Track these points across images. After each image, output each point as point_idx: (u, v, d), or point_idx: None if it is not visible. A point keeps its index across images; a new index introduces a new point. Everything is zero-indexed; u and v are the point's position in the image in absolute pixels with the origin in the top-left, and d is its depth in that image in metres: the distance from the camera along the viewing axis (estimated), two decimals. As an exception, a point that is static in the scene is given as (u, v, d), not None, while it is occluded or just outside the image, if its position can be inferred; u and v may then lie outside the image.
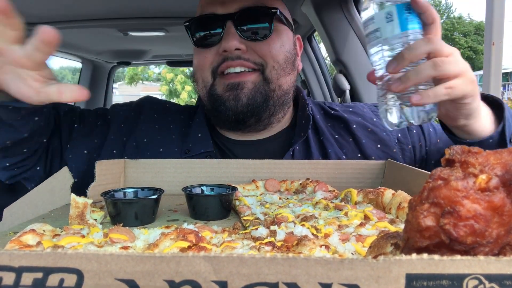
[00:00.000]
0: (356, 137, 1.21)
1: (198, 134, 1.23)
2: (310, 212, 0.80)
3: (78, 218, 0.74)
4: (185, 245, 0.57)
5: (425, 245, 0.37)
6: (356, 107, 1.31)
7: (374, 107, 1.31)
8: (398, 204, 0.78)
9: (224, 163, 1.06)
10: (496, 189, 0.36)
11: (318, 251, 0.56)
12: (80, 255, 0.35)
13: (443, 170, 0.38)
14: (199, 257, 0.34)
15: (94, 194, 0.93)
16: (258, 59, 1.14)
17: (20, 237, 0.59)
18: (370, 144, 1.20)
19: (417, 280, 0.32)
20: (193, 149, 1.19)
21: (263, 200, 0.93)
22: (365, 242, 0.61)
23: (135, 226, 0.75)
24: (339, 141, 1.21)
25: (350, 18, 1.93)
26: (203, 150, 1.18)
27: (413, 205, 0.38)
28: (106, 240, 0.62)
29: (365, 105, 1.34)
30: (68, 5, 1.93)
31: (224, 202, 0.84)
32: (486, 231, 0.35)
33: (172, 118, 1.28)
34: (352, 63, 1.97)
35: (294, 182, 1.03)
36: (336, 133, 1.23)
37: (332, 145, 1.19)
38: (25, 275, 0.35)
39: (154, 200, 0.81)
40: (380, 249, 0.44)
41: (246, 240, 0.63)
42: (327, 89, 3.00)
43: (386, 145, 1.19)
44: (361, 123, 1.23)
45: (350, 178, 1.06)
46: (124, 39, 2.69)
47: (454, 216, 0.35)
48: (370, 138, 1.21)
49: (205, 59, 1.17)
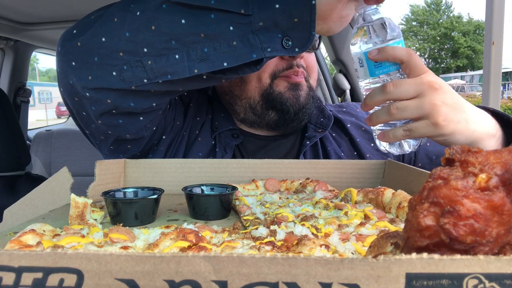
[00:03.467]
0: (351, 136, 1.25)
1: (221, 114, 1.25)
2: (310, 212, 0.80)
3: (78, 218, 0.74)
4: (185, 245, 0.57)
5: (425, 244, 0.37)
6: (349, 107, 1.36)
7: None
8: (398, 203, 0.78)
9: (224, 163, 1.06)
10: (496, 188, 0.36)
11: (318, 250, 0.56)
12: (80, 255, 0.35)
13: (443, 169, 0.38)
14: (199, 257, 0.34)
15: (94, 194, 0.93)
16: (306, 69, 1.19)
17: (20, 237, 0.59)
18: (364, 142, 1.24)
19: (417, 280, 0.32)
20: (220, 125, 1.22)
21: (263, 199, 0.93)
22: (365, 241, 0.61)
23: (135, 226, 0.75)
24: (337, 139, 1.26)
25: (350, 17, 1.93)
26: (230, 126, 1.21)
27: (413, 205, 0.38)
28: (106, 240, 0.62)
29: (358, 105, 1.38)
30: (68, 5, 1.93)
31: (224, 201, 0.84)
32: (486, 230, 0.35)
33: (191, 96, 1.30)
34: (352, 63, 1.97)
35: (294, 181, 1.03)
36: (333, 132, 1.27)
37: (331, 143, 1.24)
38: (25, 275, 0.35)
39: (154, 200, 0.81)
40: (380, 249, 0.44)
41: (246, 239, 0.63)
42: (327, 89, 3.00)
43: None
44: (355, 123, 1.28)
45: (350, 178, 1.06)
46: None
47: (454, 215, 0.35)
48: (364, 137, 1.25)
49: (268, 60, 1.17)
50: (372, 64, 0.89)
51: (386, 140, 0.91)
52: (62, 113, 26.12)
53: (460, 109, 0.88)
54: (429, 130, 0.86)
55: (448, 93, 0.88)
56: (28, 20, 2.15)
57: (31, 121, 4.54)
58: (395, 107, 0.86)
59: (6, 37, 2.38)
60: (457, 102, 0.89)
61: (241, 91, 1.21)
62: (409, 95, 0.86)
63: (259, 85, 1.18)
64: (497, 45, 1.36)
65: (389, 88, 0.86)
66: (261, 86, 1.17)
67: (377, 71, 0.89)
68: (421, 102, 0.85)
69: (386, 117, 0.88)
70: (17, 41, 2.51)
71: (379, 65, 0.88)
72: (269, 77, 1.16)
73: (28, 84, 3.02)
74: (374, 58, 0.88)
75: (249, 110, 1.22)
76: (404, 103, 0.86)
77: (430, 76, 0.87)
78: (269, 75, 1.16)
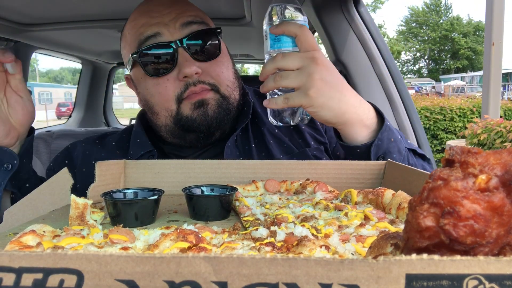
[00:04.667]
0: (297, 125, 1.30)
1: (136, 140, 1.28)
2: (310, 213, 0.80)
3: (78, 219, 0.74)
4: (185, 246, 0.57)
5: (425, 245, 0.37)
6: None
7: None
8: (398, 204, 0.78)
9: (224, 164, 1.06)
10: (496, 189, 0.36)
11: (318, 251, 0.56)
12: (80, 256, 0.35)
13: (443, 170, 0.38)
14: (199, 257, 0.34)
15: (94, 195, 0.93)
16: (211, 80, 1.19)
17: (20, 238, 0.59)
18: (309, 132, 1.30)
19: (417, 280, 0.32)
20: (134, 154, 1.24)
21: (263, 200, 0.93)
22: (365, 242, 0.61)
23: (135, 226, 0.75)
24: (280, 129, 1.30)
25: (350, 18, 1.93)
26: (142, 151, 1.23)
27: (413, 206, 0.38)
28: (106, 241, 0.62)
29: None
30: (68, 6, 1.93)
31: (224, 202, 0.84)
32: (485, 231, 0.35)
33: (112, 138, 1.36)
34: (352, 63, 1.97)
35: (294, 182, 1.03)
36: None
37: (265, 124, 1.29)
38: (25, 276, 0.35)
39: (154, 201, 0.81)
40: (380, 250, 0.44)
41: (246, 240, 0.63)
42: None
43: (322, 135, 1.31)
44: None
45: (350, 179, 1.06)
46: (124, 40, 2.69)
47: (454, 216, 0.35)
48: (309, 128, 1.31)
49: (166, 89, 1.18)
50: (273, 38, 1.01)
51: (270, 106, 1.01)
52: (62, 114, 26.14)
53: (336, 88, 0.98)
54: (302, 99, 0.96)
55: (330, 72, 0.98)
56: (28, 21, 2.15)
57: (31, 122, 4.53)
58: (280, 75, 0.97)
59: (6, 38, 2.38)
60: (336, 82, 0.99)
61: (158, 121, 1.25)
62: (294, 66, 0.96)
63: (168, 113, 1.20)
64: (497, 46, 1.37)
65: (278, 57, 0.97)
66: (170, 114, 1.20)
67: (275, 45, 1.01)
68: (301, 73, 0.96)
69: (272, 83, 0.98)
70: (18, 42, 2.51)
71: (278, 39, 1.00)
72: (174, 103, 1.18)
73: (28, 85, 3.01)
74: (273, 31, 1.00)
75: (170, 136, 1.26)
76: (286, 72, 0.96)
77: (318, 54, 0.97)
78: (174, 101, 1.18)
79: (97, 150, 1.33)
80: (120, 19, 2.18)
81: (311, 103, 0.96)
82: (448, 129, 9.84)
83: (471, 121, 8.40)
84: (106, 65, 3.82)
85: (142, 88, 1.24)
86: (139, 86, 1.27)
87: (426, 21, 43.67)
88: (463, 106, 10.03)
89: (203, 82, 1.17)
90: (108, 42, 2.86)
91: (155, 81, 1.19)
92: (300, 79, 0.95)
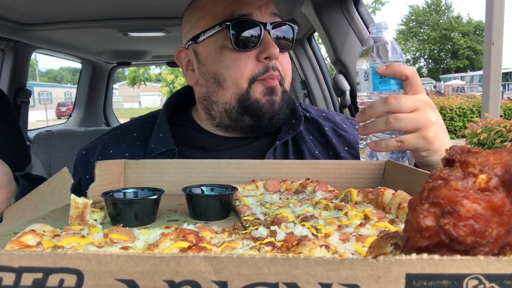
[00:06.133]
0: (328, 138, 1.31)
1: (159, 134, 1.27)
2: (310, 212, 0.80)
3: (78, 219, 0.74)
4: (185, 245, 0.57)
5: (425, 245, 0.37)
6: (329, 114, 1.42)
7: (346, 118, 1.43)
8: (398, 204, 0.78)
9: (224, 163, 1.06)
10: (496, 189, 0.36)
11: (318, 251, 0.56)
12: (80, 255, 0.35)
13: (443, 170, 0.38)
14: (199, 257, 0.34)
15: (94, 195, 0.93)
16: (281, 71, 1.20)
17: (20, 237, 0.59)
18: (339, 144, 1.30)
19: (417, 280, 0.32)
20: (155, 149, 1.23)
21: (263, 200, 0.93)
22: (365, 242, 0.61)
23: (135, 226, 0.75)
24: (313, 140, 1.31)
25: (350, 18, 1.93)
26: (164, 149, 1.23)
27: (413, 205, 0.38)
28: (106, 240, 0.62)
29: (337, 114, 1.46)
30: (68, 5, 1.93)
31: (224, 202, 0.84)
32: (486, 231, 0.35)
33: (135, 129, 1.34)
34: (352, 63, 1.97)
35: (294, 182, 1.03)
36: (310, 133, 1.32)
37: (306, 143, 1.28)
38: (25, 275, 0.35)
39: (154, 201, 0.81)
40: (380, 249, 0.44)
41: (246, 240, 0.63)
42: (327, 89, 3.00)
43: (353, 147, 1.31)
44: (332, 128, 1.35)
45: (350, 178, 1.06)
46: (124, 39, 2.69)
47: (454, 216, 0.35)
48: (339, 141, 1.31)
49: (246, 65, 1.17)
50: (377, 80, 0.99)
51: (378, 149, 0.99)
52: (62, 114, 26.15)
53: (446, 132, 0.98)
54: (419, 143, 0.94)
55: (440, 116, 0.97)
56: (28, 21, 2.15)
57: (31, 122, 4.54)
58: (394, 117, 0.93)
59: (6, 38, 2.38)
60: (444, 127, 0.99)
61: (218, 97, 1.22)
62: (408, 109, 0.93)
63: (236, 91, 1.19)
64: (497, 46, 1.37)
65: (391, 100, 0.94)
66: (238, 92, 1.18)
67: (380, 86, 0.99)
68: (418, 116, 0.93)
69: (383, 126, 0.95)
70: (17, 41, 2.51)
71: (384, 81, 0.98)
72: (247, 82, 1.17)
73: (28, 85, 3.02)
74: (382, 72, 0.97)
75: (224, 115, 1.23)
76: (402, 115, 0.93)
77: (427, 96, 0.96)
78: (247, 80, 1.17)
79: (116, 142, 1.31)
80: (120, 18, 2.18)
81: (428, 147, 0.94)
82: (448, 129, 9.86)
83: (471, 120, 8.42)
84: (106, 65, 3.82)
85: (214, 61, 1.20)
86: (208, 58, 1.22)
87: (426, 20, 43.68)
88: (463, 106, 10.04)
89: (278, 70, 1.18)
90: (108, 42, 2.86)
91: (235, 55, 1.17)
92: (418, 122, 0.93)
